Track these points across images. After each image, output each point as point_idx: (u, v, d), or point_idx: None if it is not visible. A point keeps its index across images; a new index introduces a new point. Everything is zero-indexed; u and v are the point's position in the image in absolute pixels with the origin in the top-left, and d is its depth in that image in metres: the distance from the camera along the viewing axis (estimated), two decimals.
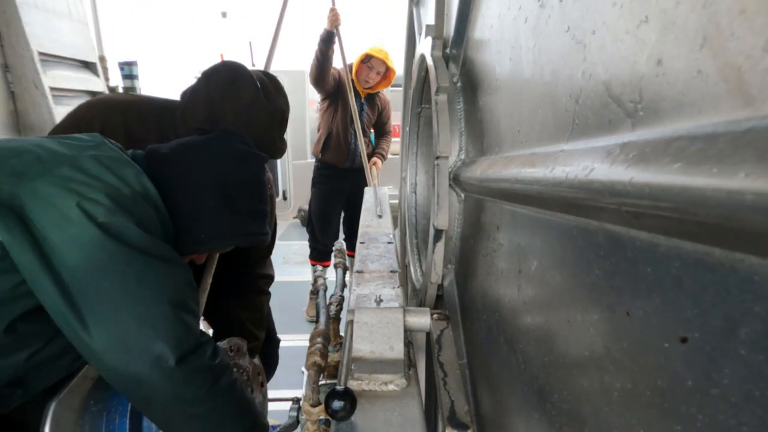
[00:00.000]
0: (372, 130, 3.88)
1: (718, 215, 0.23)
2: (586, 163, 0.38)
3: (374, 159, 3.68)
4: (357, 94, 3.59)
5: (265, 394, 1.46)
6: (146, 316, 0.89)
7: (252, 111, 1.25)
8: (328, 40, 3.30)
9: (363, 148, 3.48)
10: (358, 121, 3.46)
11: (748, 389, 0.24)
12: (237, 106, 1.24)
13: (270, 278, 1.68)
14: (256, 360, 1.46)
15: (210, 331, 1.59)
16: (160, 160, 1.10)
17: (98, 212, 0.86)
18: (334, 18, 3.27)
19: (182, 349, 0.91)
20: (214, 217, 1.11)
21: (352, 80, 3.51)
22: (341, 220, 4.00)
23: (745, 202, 0.21)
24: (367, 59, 3.49)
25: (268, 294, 1.68)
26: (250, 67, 1.36)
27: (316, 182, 3.80)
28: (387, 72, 3.54)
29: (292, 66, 6.64)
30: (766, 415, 0.23)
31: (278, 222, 1.33)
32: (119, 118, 1.29)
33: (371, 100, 3.67)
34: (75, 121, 1.29)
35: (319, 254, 3.88)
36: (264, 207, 1.21)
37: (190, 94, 1.29)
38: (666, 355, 0.30)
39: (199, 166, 1.11)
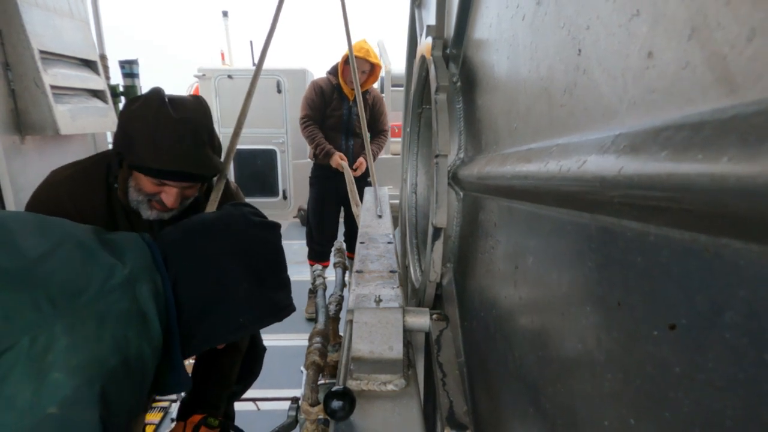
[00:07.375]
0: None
1: (703, 200, 0.23)
2: (579, 155, 0.38)
3: (360, 159, 3.65)
4: (345, 97, 3.57)
5: None
6: None
7: (158, 119, 1.29)
8: (321, 154, 3.54)
9: (368, 148, 3.46)
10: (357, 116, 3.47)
11: (732, 373, 0.24)
12: (143, 116, 1.30)
13: (237, 352, 1.64)
14: None
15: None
16: (179, 251, 1.03)
17: (51, 400, 0.74)
18: (337, 165, 3.46)
19: None
20: (249, 300, 1.06)
21: (339, 84, 3.51)
22: (342, 219, 4.01)
23: (727, 186, 0.21)
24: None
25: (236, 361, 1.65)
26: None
27: (312, 183, 3.84)
28: (372, 68, 3.48)
29: (293, 65, 6.65)
30: (750, 397, 0.23)
31: (279, 221, 1.31)
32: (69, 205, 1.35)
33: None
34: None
35: (316, 254, 3.89)
36: (286, 276, 1.21)
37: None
38: (655, 343, 0.31)
39: (225, 249, 1.05)
